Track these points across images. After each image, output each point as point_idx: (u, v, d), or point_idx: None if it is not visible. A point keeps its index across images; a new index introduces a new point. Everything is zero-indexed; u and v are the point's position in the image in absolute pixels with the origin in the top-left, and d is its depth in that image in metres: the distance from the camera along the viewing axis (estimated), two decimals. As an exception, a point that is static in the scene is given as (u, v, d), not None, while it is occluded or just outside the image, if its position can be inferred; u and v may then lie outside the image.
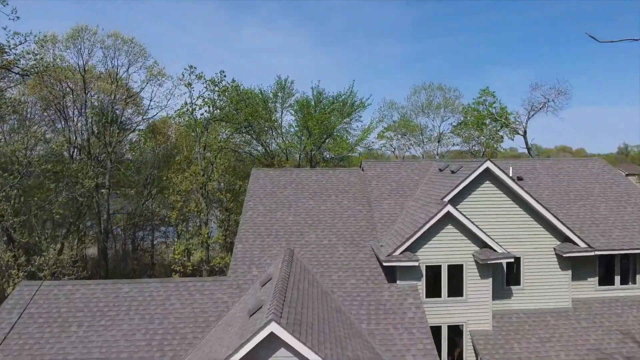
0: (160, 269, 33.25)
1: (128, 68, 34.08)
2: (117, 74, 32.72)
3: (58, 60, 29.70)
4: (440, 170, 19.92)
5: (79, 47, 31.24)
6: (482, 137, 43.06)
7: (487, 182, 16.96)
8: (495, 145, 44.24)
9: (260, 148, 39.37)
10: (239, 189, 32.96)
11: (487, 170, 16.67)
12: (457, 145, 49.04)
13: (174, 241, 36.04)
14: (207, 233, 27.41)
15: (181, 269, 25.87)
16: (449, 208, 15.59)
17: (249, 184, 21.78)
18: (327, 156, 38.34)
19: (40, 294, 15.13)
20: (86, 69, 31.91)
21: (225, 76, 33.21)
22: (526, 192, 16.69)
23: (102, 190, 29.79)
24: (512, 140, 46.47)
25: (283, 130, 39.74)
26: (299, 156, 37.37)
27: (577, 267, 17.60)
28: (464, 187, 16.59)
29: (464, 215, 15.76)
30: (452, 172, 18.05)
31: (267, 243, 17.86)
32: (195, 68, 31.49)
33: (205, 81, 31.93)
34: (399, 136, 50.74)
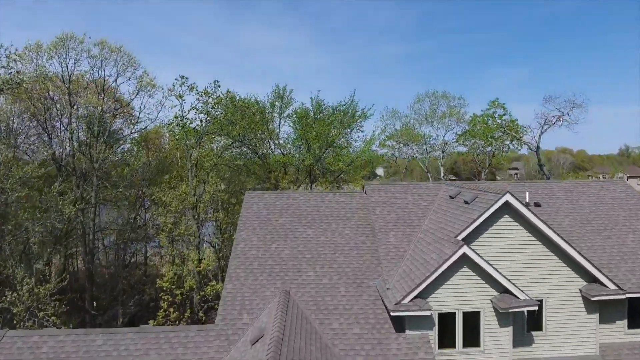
0: (151, 290, 31.44)
1: (116, 78, 32.26)
2: (104, 85, 30.87)
3: (40, 71, 27.85)
4: (451, 197, 18.15)
5: (64, 56, 29.40)
6: (489, 148, 41.12)
7: (506, 216, 15.19)
8: (502, 154, 42.42)
9: (257, 159, 37.55)
10: (234, 208, 31.16)
11: (506, 203, 14.91)
12: (462, 154, 47.35)
13: (168, 255, 34.24)
14: (199, 259, 25.61)
15: (169, 298, 24.11)
16: (465, 249, 13.83)
17: (242, 209, 20.05)
18: (325, 160, 36.36)
19: (2, 347, 13.34)
20: (72, 79, 30.08)
21: (219, 86, 31.45)
22: (551, 228, 14.92)
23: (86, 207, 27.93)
24: (519, 150, 44.61)
25: (281, 142, 37.99)
26: (297, 169, 35.54)
27: (604, 308, 15.79)
28: (480, 223, 14.84)
29: (481, 257, 14.00)
30: (466, 202, 16.27)
31: (260, 282, 16.09)
32: (187, 79, 29.65)
33: (198, 92, 30.13)
34: (401, 145, 48.97)
